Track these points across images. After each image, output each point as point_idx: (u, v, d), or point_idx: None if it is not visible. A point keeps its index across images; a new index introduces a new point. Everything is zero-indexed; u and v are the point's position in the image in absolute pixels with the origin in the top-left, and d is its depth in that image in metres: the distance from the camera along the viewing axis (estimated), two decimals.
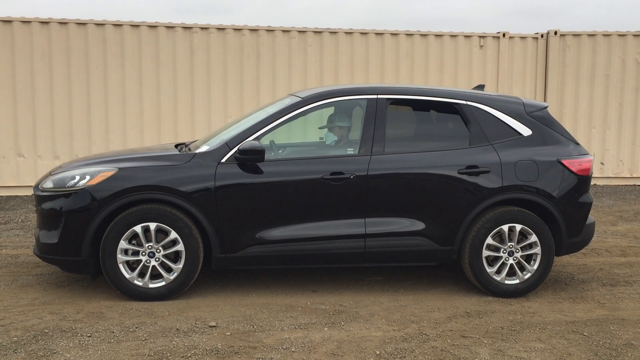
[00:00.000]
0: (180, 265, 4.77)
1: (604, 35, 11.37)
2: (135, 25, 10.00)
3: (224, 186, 4.77)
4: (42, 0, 26.72)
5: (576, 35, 11.38)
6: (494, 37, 11.24)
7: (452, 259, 5.10)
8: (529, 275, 5.03)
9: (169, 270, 4.79)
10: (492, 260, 5.03)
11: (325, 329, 4.32)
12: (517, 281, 5.03)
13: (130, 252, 4.74)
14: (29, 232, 7.22)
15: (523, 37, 11.37)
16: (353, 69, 10.78)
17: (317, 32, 10.63)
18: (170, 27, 10.13)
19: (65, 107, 9.83)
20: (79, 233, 4.69)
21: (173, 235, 4.72)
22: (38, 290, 5.07)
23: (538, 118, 5.25)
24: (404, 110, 5.35)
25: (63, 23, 9.76)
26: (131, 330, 4.21)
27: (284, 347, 3.99)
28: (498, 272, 5.02)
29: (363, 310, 4.71)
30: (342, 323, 4.43)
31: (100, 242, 4.72)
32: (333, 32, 10.68)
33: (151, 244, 4.73)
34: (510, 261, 5.02)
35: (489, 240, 4.98)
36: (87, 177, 4.76)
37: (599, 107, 11.45)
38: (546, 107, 5.39)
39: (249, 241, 4.83)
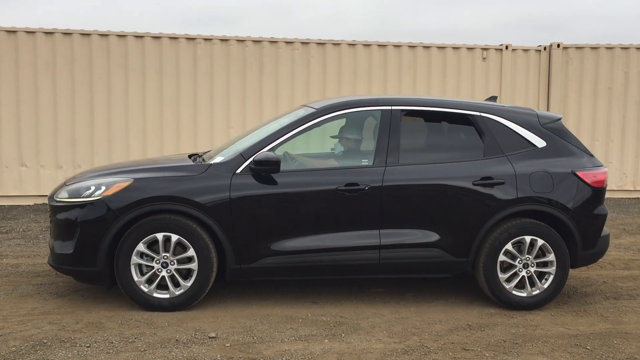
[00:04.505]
0: (194, 276, 4.75)
1: (607, 48, 11.39)
2: (139, 36, 10.05)
3: (239, 197, 4.76)
4: (47, 11, 26.90)
5: (579, 47, 11.39)
6: (496, 49, 11.26)
7: (466, 271, 5.08)
8: (544, 287, 5.01)
9: (183, 279, 4.77)
10: (506, 273, 4.99)
11: (326, 340, 4.29)
12: (532, 293, 5.01)
13: (144, 262, 4.73)
14: (30, 242, 7.21)
15: (526, 50, 11.39)
16: (356, 80, 10.80)
17: (320, 44, 10.66)
18: (173, 38, 10.17)
19: (69, 117, 9.86)
20: (95, 243, 4.69)
21: (187, 245, 4.72)
22: (38, 300, 5.05)
23: (552, 129, 5.24)
24: (418, 121, 5.34)
25: (67, 33, 9.81)
26: (130, 340, 4.19)
27: (283, 358, 3.96)
28: (513, 284, 4.99)
29: (364, 322, 4.67)
30: (343, 335, 4.40)
31: (114, 252, 4.72)
32: (336, 44, 10.71)
33: (165, 254, 4.73)
34: (525, 273, 4.99)
35: (504, 253, 4.96)
36: (103, 188, 4.77)
37: (601, 119, 11.44)
38: (560, 119, 5.39)
39: (264, 252, 4.82)
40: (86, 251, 4.71)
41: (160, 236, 4.69)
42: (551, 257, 4.98)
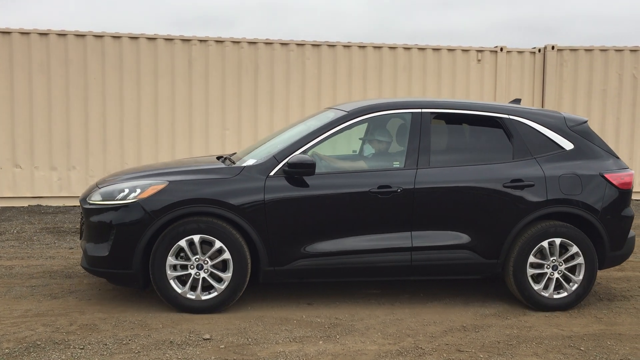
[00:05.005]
0: (229, 278, 4.76)
1: (601, 50, 11.43)
2: (134, 37, 10.03)
3: (273, 199, 4.78)
4: (41, 12, 26.85)
5: (573, 50, 11.43)
6: (491, 51, 11.28)
7: (496, 273, 5.11)
8: (572, 289, 5.05)
9: (218, 281, 4.78)
10: (536, 275, 5.03)
11: (321, 342, 4.29)
12: (560, 295, 5.05)
13: (179, 264, 4.74)
14: (24, 243, 7.19)
15: (520, 52, 11.41)
16: (351, 82, 10.81)
17: (316, 45, 10.67)
18: (169, 40, 10.16)
19: (63, 119, 9.83)
20: (131, 246, 4.69)
21: (221, 247, 4.73)
22: (31, 301, 5.03)
23: (579, 132, 5.31)
24: (448, 124, 5.37)
25: (62, 35, 9.79)
26: (124, 342, 4.18)
27: None
28: (542, 286, 5.03)
29: (359, 323, 4.67)
30: (338, 336, 4.40)
31: (149, 255, 4.73)
32: (331, 45, 10.72)
33: (199, 256, 4.73)
34: (555, 275, 5.03)
35: (534, 255, 5.00)
36: (138, 190, 4.77)
37: (596, 121, 11.47)
38: (586, 122, 5.46)
39: (298, 254, 4.84)
40: (122, 254, 4.71)
41: (188, 240, 4.70)
42: (580, 259, 5.03)
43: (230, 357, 3.98)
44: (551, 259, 5.02)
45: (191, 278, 4.75)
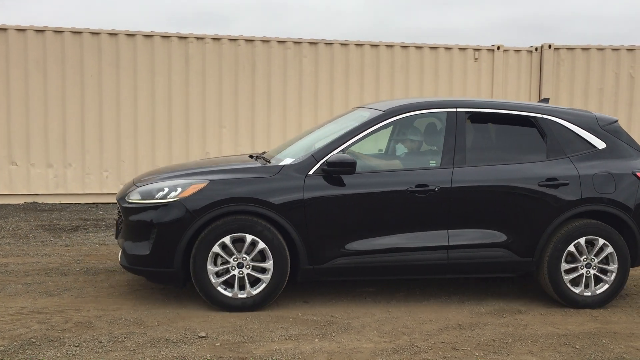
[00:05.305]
0: (269, 276, 4.77)
1: (598, 49, 11.45)
2: (131, 35, 10.02)
3: (312, 198, 4.81)
4: (40, 11, 26.78)
5: (570, 49, 11.45)
6: (488, 50, 11.29)
7: (531, 271, 5.14)
8: (606, 287, 5.10)
9: (256, 281, 4.80)
10: (570, 273, 5.07)
11: (316, 340, 4.29)
12: (595, 292, 5.09)
13: (219, 262, 4.75)
14: (20, 241, 7.17)
15: (517, 51, 11.43)
16: (348, 80, 10.81)
17: (313, 43, 10.67)
18: (165, 37, 10.14)
19: (59, 116, 9.81)
20: (172, 245, 4.70)
21: (262, 246, 4.74)
22: (27, 299, 5.02)
23: (610, 131, 5.37)
24: (482, 123, 5.39)
25: (58, 32, 9.77)
26: (120, 340, 4.17)
27: (274, 358, 3.96)
28: (576, 284, 5.07)
29: (354, 321, 4.68)
30: (333, 334, 4.40)
31: (189, 252, 4.74)
32: (328, 43, 10.71)
33: (240, 254, 4.74)
34: (588, 273, 5.08)
35: (568, 253, 5.04)
36: (179, 189, 4.77)
37: None
38: (616, 121, 5.51)
39: (336, 253, 4.87)
40: (163, 252, 4.72)
41: (228, 239, 4.71)
42: (613, 257, 5.07)
43: (225, 355, 3.98)
44: (585, 256, 5.06)
45: (234, 277, 4.75)
